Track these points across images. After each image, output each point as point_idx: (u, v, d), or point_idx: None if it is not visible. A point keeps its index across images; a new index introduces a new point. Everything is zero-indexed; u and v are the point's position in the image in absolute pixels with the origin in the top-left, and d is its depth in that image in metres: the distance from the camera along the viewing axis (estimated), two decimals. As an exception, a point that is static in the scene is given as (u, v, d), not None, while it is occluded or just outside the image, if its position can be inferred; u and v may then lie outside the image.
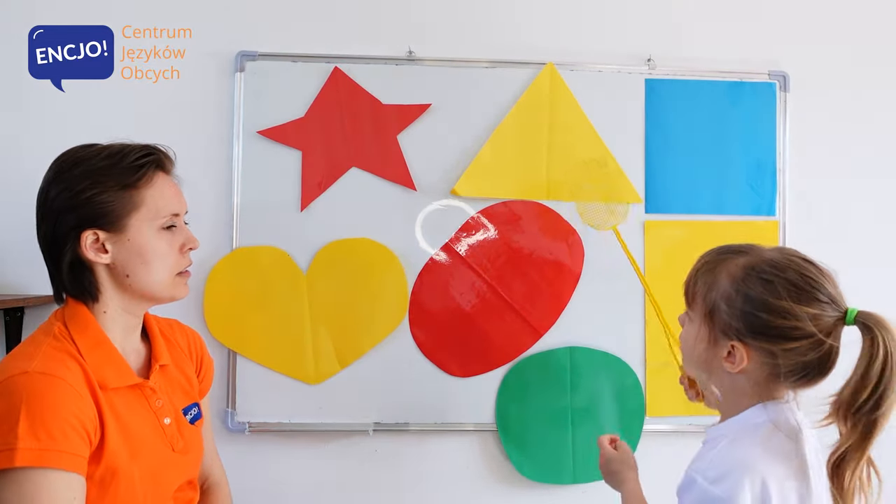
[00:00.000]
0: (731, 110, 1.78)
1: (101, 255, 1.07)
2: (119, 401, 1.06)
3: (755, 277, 0.94)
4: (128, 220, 1.07)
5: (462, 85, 1.72)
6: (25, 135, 1.66)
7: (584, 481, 1.72)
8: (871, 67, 1.83)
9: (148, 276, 1.09)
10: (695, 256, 1.04)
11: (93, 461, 1.00)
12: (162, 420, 1.11)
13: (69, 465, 0.96)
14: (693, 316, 1.00)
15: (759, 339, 0.93)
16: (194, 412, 1.20)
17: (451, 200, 1.72)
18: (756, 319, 0.92)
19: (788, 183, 1.79)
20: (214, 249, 1.68)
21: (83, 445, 0.98)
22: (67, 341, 1.05)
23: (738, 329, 0.94)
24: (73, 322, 1.07)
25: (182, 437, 1.14)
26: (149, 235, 1.09)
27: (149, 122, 1.66)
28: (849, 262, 0.98)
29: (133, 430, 1.06)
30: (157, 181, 1.10)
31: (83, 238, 1.05)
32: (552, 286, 1.74)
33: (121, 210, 1.06)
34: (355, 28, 1.73)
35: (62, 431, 0.95)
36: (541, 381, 1.72)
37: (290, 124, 1.69)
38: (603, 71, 1.76)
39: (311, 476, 1.72)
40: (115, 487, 1.02)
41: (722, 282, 0.96)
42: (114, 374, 1.06)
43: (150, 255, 1.09)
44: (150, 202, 1.08)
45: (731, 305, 0.94)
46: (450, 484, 1.74)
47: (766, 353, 0.93)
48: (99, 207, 1.05)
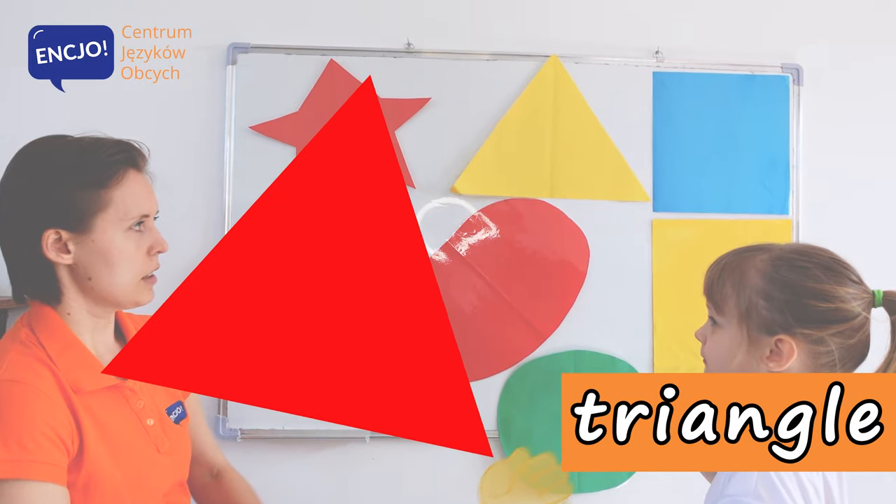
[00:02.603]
0: (742, 105, 1.75)
1: (62, 256, 1.02)
2: (97, 404, 1.02)
3: (787, 267, 0.93)
4: (93, 221, 1.02)
5: (462, 78, 1.71)
6: (25, 135, 1.62)
7: (589, 490, 1.70)
8: (888, 59, 1.81)
9: (111, 279, 1.04)
10: (704, 257, 1.03)
11: (73, 468, 0.98)
12: (145, 421, 1.09)
13: (44, 476, 0.93)
14: (724, 322, 0.97)
15: (806, 327, 0.91)
16: (179, 411, 1.17)
17: (452, 198, 1.71)
18: (801, 306, 0.91)
19: (802, 180, 1.77)
20: (205, 249, 1.63)
21: (59, 454, 0.95)
22: (35, 346, 1.01)
23: (783, 321, 0.91)
24: (39, 325, 1.03)
25: (167, 438, 1.11)
26: (114, 237, 1.04)
27: (149, 122, 1.66)
28: (865, 263, 0.94)
29: (114, 434, 1.03)
30: (127, 180, 1.05)
31: (45, 237, 1.01)
32: (556, 287, 1.71)
33: (87, 210, 1.02)
34: (351, 19, 1.71)
35: (35, 441, 0.93)
36: (545, 387, 1.69)
37: (284, 119, 1.67)
38: (609, 64, 1.74)
39: (305, 484, 1.70)
40: (100, 494, 1.00)
41: (752, 279, 0.94)
42: (88, 377, 1.02)
43: (115, 258, 1.04)
44: (119, 202, 1.03)
45: (771, 299, 0.92)
46: (449, 494, 1.72)
47: (815, 340, 0.91)
48: (63, 206, 1.01)
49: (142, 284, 1.08)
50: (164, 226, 1.13)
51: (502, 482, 1.69)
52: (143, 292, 1.08)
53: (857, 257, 0.94)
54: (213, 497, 1.28)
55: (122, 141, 1.07)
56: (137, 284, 1.07)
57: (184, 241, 1.60)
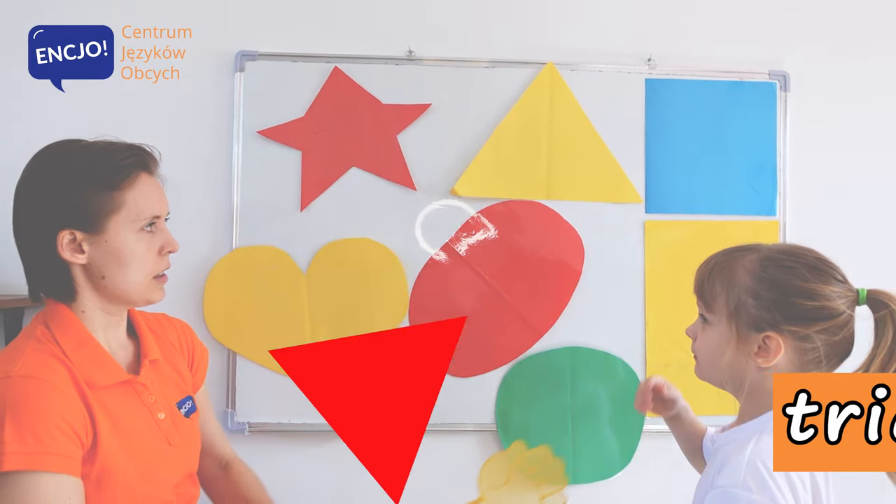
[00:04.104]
0: (731, 110, 1.78)
1: (77, 256, 1.04)
2: (110, 399, 1.05)
3: (775, 266, 0.95)
4: (106, 222, 1.04)
5: (462, 85, 1.72)
6: (25, 135, 1.64)
7: (584, 482, 1.72)
8: (872, 67, 1.83)
9: (124, 279, 1.07)
10: (695, 256, 1.04)
11: (87, 461, 1.00)
12: (156, 415, 1.11)
13: (59, 467, 0.95)
14: (714, 319, 0.99)
15: (793, 325, 0.93)
16: (189, 405, 1.19)
17: (451, 200, 1.72)
18: (788, 305, 0.93)
19: (789, 183, 1.79)
20: (214, 249, 1.68)
21: (73, 446, 0.97)
22: (51, 343, 1.03)
23: (771, 319, 0.94)
24: (54, 323, 1.05)
25: (178, 431, 1.13)
26: (127, 238, 1.06)
27: (149, 122, 1.66)
28: (849, 263, 0.97)
29: (127, 427, 1.05)
30: (139, 183, 1.07)
31: (60, 237, 1.03)
32: (552, 286, 1.73)
33: (100, 211, 1.04)
34: (355, 28, 1.73)
35: (49, 434, 0.95)
36: (541, 382, 1.72)
37: (290, 124, 1.69)
38: (603, 71, 1.76)
39: (311, 476, 1.71)
40: (113, 485, 1.02)
41: (742, 278, 0.96)
42: (101, 373, 1.04)
43: (128, 258, 1.06)
44: (131, 204, 1.06)
45: (759, 297, 0.94)
46: (450, 484, 1.74)
47: (802, 337, 0.93)
48: (78, 208, 1.03)
49: (153, 283, 1.10)
50: (174, 226, 1.14)
51: (500, 473, 1.72)
52: (154, 291, 1.10)
53: (842, 257, 0.97)
54: (221, 488, 1.30)
55: (134, 145, 1.08)
56: (149, 283, 1.09)
57: (193, 241, 1.64)
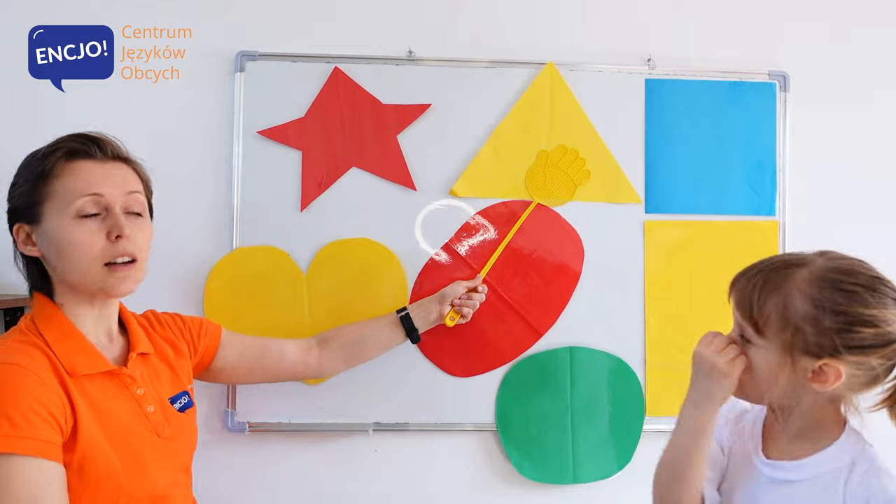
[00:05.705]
0: (731, 110, 1.78)
1: (31, 249, 1.09)
2: (93, 388, 1.05)
3: (831, 289, 0.91)
4: (41, 210, 1.07)
5: (462, 85, 1.72)
6: (25, 135, 1.64)
7: (584, 481, 1.72)
8: (872, 67, 1.83)
9: (70, 267, 1.06)
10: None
11: (68, 448, 1.00)
12: (145, 408, 1.11)
13: (36, 451, 0.95)
14: (766, 343, 0.95)
15: (853, 354, 0.90)
16: (184, 401, 1.20)
17: (451, 200, 1.72)
18: (850, 334, 0.89)
19: (788, 183, 1.79)
20: (214, 249, 1.68)
21: (51, 431, 0.97)
22: (34, 334, 1.05)
23: (830, 348, 0.90)
24: (38, 316, 1.08)
25: (169, 425, 1.14)
26: (61, 225, 1.06)
27: (149, 122, 1.66)
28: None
29: (111, 416, 1.06)
30: (72, 169, 1.07)
31: (16, 232, 1.09)
32: (552, 286, 1.74)
33: (34, 202, 1.07)
34: (355, 28, 1.73)
35: (25, 418, 0.95)
36: (541, 382, 1.72)
37: (290, 124, 1.69)
38: (603, 71, 1.76)
39: (311, 476, 1.72)
40: (96, 474, 1.02)
41: (797, 302, 0.92)
42: (84, 362, 1.06)
43: (66, 246, 1.06)
44: (60, 191, 1.07)
45: (818, 325, 0.90)
46: (450, 484, 1.74)
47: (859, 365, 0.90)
48: (18, 201, 1.09)
49: (104, 271, 1.07)
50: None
51: (539, 175, 1.73)
52: (108, 280, 1.07)
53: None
54: (335, 349, 1.53)
55: (75, 134, 1.10)
56: (100, 271, 1.06)
57: (193, 241, 1.65)
